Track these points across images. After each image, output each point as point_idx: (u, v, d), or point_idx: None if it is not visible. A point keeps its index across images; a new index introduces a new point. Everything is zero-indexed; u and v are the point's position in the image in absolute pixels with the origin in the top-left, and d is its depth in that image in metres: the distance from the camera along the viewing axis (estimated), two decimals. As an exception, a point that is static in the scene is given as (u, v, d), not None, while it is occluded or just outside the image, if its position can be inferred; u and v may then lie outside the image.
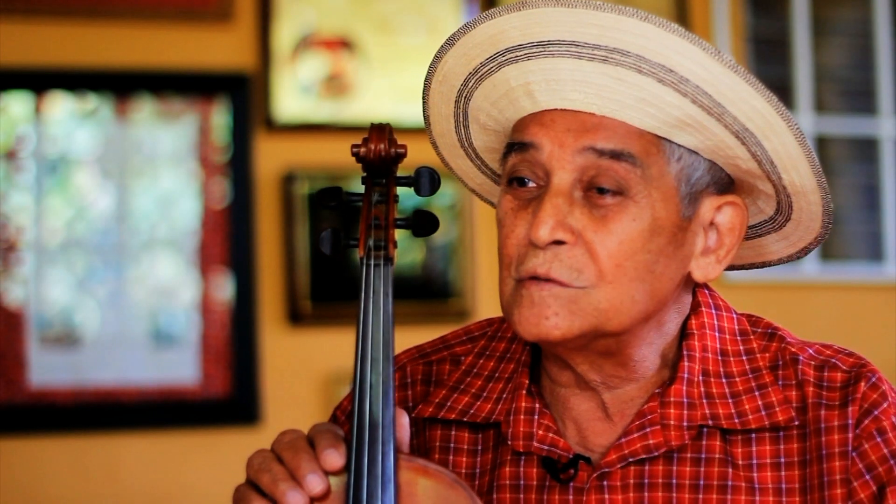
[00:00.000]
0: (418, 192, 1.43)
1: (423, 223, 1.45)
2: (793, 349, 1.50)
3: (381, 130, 1.43)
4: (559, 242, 1.41)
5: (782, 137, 1.42)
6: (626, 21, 1.38)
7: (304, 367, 4.29)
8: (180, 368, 4.22)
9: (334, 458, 1.34)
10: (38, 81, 4.19)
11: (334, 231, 1.44)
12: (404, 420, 1.38)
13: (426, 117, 1.56)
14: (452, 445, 1.53)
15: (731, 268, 1.61)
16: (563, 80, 1.42)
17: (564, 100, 1.43)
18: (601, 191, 1.41)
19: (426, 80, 1.53)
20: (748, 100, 1.40)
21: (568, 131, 1.42)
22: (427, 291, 4.39)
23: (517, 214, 1.44)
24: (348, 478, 1.34)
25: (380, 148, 1.42)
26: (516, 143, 1.46)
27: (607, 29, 1.39)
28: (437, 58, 1.50)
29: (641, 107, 1.41)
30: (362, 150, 1.43)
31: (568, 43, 1.41)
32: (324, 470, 1.34)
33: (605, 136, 1.41)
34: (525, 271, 1.42)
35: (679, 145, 1.43)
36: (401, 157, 1.43)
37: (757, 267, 1.60)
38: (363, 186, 1.45)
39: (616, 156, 1.41)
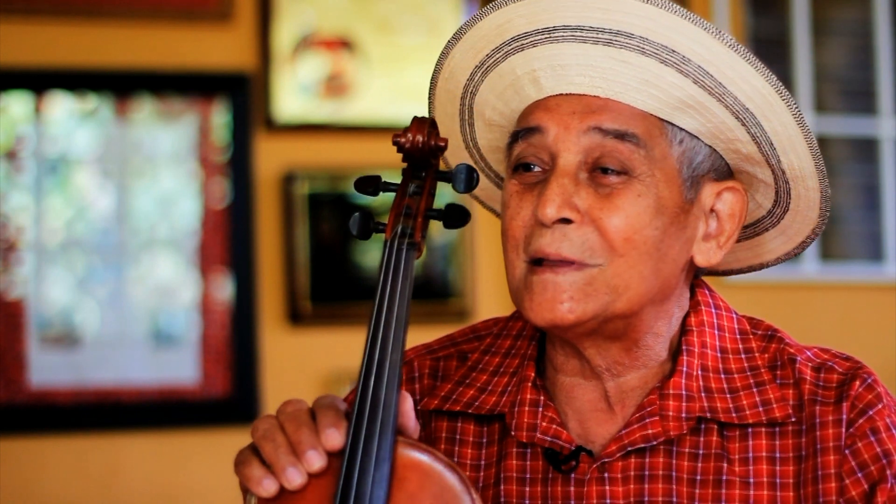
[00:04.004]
0: (455, 187, 1.44)
1: (453, 215, 1.45)
2: (791, 350, 1.52)
3: (422, 122, 1.44)
4: (566, 221, 1.43)
5: (781, 118, 1.44)
6: (629, 3, 1.40)
7: (304, 367, 4.29)
8: (180, 368, 4.22)
9: (335, 437, 1.34)
10: (38, 81, 4.20)
11: (364, 213, 1.44)
12: (407, 405, 1.39)
13: (432, 118, 1.57)
14: (458, 437, 1.54)
15: (729, 272, 1.62)
16: (567, 65, 1.45)
17: (570, 84, 1.45)
18: (605, 171, 1.44)
19: (432, 78, 1.54)
20: (749, 79, 1.42)
21: (573, 114, 1.45)
22: (427, 291, 4.39)
23: (522, 196, 1.47)
24: (343, 452, 1.34)
25: (418, 139, 1.43)
26: (522, 130, 1.48)
27: (611, 12, 1.41)
28: (444, 54, 1.52)
29: (645, 88, 1.43)
30: (402, 139, 1.43)
31: (573, 28, 1.43)
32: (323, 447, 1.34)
33: (609, 117, 1.44)
34: (533, 251, 1.44)
35: (681, 129, 1.46)
36: (440, 150, 1.44)
37: (755, 269, 1.61)
38: (401, 176, 1.46)
39: (620, 136, 1.43)
